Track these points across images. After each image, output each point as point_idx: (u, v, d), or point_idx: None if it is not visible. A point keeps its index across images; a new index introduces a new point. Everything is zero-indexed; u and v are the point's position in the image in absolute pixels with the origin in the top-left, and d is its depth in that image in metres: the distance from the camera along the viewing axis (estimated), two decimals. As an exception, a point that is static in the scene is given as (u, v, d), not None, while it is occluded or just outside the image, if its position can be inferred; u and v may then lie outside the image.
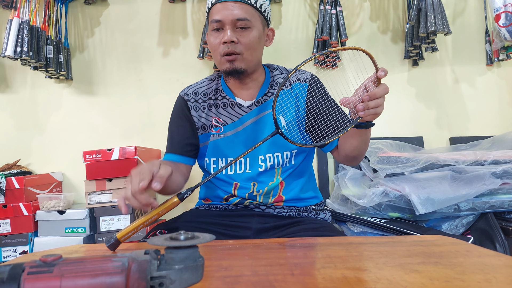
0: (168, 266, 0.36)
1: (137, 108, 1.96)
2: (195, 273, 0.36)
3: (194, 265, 0.36)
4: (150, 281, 0.34)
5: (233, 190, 0.96)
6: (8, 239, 1.62)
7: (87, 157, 1.65)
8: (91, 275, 0.33)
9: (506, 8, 1.70)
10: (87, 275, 0.33)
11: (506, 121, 1.95)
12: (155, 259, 0.36)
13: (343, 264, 0.51)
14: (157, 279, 0.34)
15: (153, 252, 0.37)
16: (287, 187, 0.97)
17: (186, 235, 0.38)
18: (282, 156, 0.96)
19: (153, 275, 0.34)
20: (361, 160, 0.98)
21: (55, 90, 1.98)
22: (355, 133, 0.86)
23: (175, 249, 0.36)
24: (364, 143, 0.89)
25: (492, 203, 1.29)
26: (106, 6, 2.00)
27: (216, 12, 0.91)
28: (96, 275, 0.33)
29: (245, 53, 0.92)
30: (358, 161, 0.97)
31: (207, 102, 1.02)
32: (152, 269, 0.35)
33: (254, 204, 0.96)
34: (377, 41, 1.97)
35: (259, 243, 0.65)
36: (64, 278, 0.32)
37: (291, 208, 0.97)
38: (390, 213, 1.38)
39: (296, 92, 0.99)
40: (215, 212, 0.98)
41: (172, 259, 0.36)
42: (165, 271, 0.35)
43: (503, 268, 0.48)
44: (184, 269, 0.35)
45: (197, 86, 1.05)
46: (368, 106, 0.73)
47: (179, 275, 0.35)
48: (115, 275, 0.33)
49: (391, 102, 1.95)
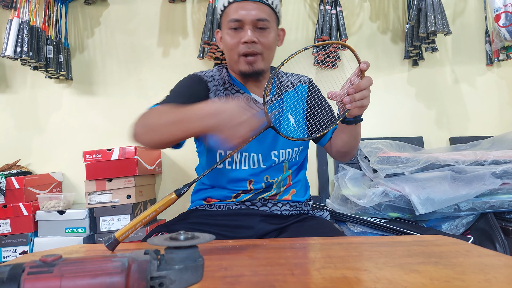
0: (168, 266, 0.36)
1: (137, 108, 1.95)
2: (195, 273, 0.36)
3: (194, 265, 0.36)
4: (150, 281, 0.34)
5: (248, 185, 0.95)
6: (8, 239, 1.62)
7: (87, 157, 1.65)
8: (91, 275, 0.33)
9: (506, 8, 1.70)
10: (87, 275, 0.33)
11: (506, 121, 1.95)
12: (155, 259, 0.36)
13: (343, 264, 0.51)
14: (157, 279, 0.34)
15: (153, 252, 0.36)
16: (294, 176, 1.01)
17: (186, 235, 0.38)
18: (292, 152, 0.98)
19: (153, 275, 0.34)
20: (353, 156, 1.02)
21: (55, 90, 1.98)
22: (344, 128, 0.89)
23: (175, 249, 0.36)
24: (354, 139, 0.92)
25: (492, 203, 1.29)
26: (106, 6, 2.00)
27: (234, 12, 0.90)
28: (96, 275, 0.33)
29: (265, 53, 0.92)
30: (350, 156, 1.00)
31: (223, 91, 0.98)
32: (152, 269, 0.34)
33: (262, 200, 0.95)
34: (377, 41, 1.98)
35: (259, 243, 0.65)
36: (64, 278, 0.32)
37: (295, 204, 0.97)
38: (390, 213, 1.38)
39: (299, 93, 1.03)
40: (217, 212, 0.97)
41: (172, 259, 0.36)
42: (165, 271, 0.35)
43: (503, 268, 0.48)
44: (184, 269, 0.35)
45: (210, 72, 1.00)
46: (354, 98, 0.75)
47: (179, 275, 0.35)
48: (115, 275, 0.33)
49: (391, 102, 1.95)
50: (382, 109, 1.93)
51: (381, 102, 1.93)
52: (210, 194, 1.00)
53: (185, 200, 2.10)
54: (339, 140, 0.95)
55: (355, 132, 0.90)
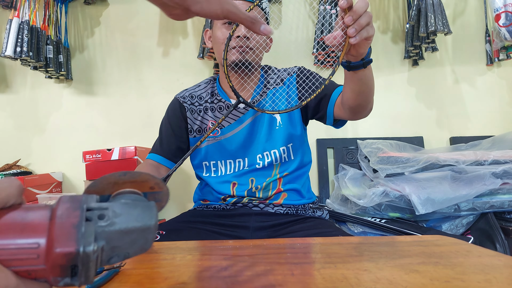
0: (112, 201, 0.30)
1: (137, 108, 1.96)
2: (147, 212, 0.28)
3: (144, 204, 0.29)
4: (87, 212, 0.26)
5: (231, 189, 0.96)
6: (8, 239, 1.62)
7: (87, 157, 1.65)
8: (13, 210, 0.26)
9: (506, 8, 1.70)
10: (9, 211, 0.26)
11: (506, 121, 1.95)
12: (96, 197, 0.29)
13: (343, 264, 0.51)
14: (96, 211, 0.27)
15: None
16: (286, 182, 0.98)
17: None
18: (279, 152, 0.97)
19: (91, 206, 0.27)
20: (370, 109, 0.84)
21: (55, 90, 1.98)
22: (353, 76, 0.74)
23: (121, 195, 0.31)
24: (366, 86, 0.76)
25: (492, 203, 1.29)
26: (106, 6, 2.00)
27: None
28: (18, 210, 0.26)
29: (256, 50, 0.95)
30: (366, 109, 0.84)
31: (203, 105, 1.03)
32: (90, 200, 0.27)
33: (253, 203, 0.96)
34: (377, 41, 1.97)
35: (259, 243, 0.65)
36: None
37: (290, 206, 0.97)
38: (390, 213, 1.38)
39: (288, 84, 1.02)
40: (213, 212, 0.98)
41: (117, 199, 0.30)
42: (107, 204, 0.28)
43: (503, 268, 0.48)
44: (132, 204, 0.28)
45: (193, 89, 1.07)
46: (360, 23, 0.60)
47: (125, 209, 0.28)
48: (37, 209, 0.26)
49: (391, 102, 1.95)
50: (382, 109, 1.93)
51: (381, 102, 1.93)
52: (205, 196, 1.03)
53: (185, 200, 2.10)
54: (350, 93, 0.79)
55: (366, 77, 0.74)
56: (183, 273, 0.50)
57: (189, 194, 1.91)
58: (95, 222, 0.26)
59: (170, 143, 1.02)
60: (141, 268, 0.53)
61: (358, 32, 0.60)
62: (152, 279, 0.48)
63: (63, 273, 0.25)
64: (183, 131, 1.03)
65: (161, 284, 0.46)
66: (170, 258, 0.58)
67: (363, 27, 0.60)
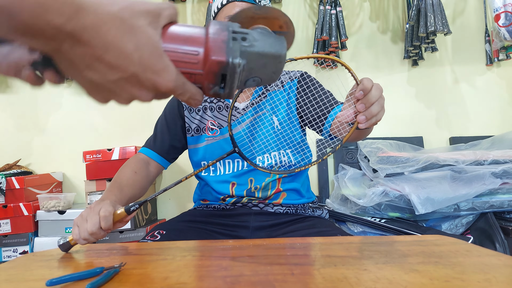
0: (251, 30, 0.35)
1: (137, 108, 1.96)
2: (279, 42, 0.34)
3: (277, 36, 0.35)
4: (232, 34, 0.32)
5: (230, 189, 0.96)
6: (8, 239, 1.62)
7: (87, 157, 1.65)
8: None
9: (506, 8, 1.70)
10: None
11: (506, 121, 1.95)
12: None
13: (343, 264, 0.51)
14: (239, 34, 0.32)
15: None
16: (285, 182, 0.98)
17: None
18: (280, 155, 0.97)
19: (236, 29, 0.32)
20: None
21: (55, 90, 1.98)
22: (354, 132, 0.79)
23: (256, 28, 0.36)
24: (364, 135, 0.82)
25: (492, 203, 1.29)
26: (106, 6, 2.00)
27: (231, 9, 0.92)
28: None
29: None
30: (364, 137, 0.87)
31: (202, 104, 1.02)
32: (235, 25, 0.33)
33: (253, 202, 0.96)
34: (377, 41, 1.98)
35: (259, 243, 0.65)
36: None
37: (289, 206, 0.97)
38: (390, 213, 1.38)
39: (288, 90, 1.01)
40: (213, 212, 0.98)
41: (254, 29, 0.35)
42: (248, 30, 0.34)
43: (503, 268, 0.48)
44: (268, 34, 0.34)
45: None
46: (371, 112, 0.62)
47: (262, 36, 0.33)
48: (194, 27, 0.32)
49: (391, 102, 1.95)
50: (382, 109, 1.93)
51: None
52: (205, 195, 1.03)
53: (185, 200, 2.10)
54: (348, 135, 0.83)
55: (367, 130, 0.79)
56: (183, 273, 0.50)
57: (189, 194, 1.92)
58: (239, 42, 0.32)
59: (164, 140, 1.02)
60: (141, 268, 0.53)
61: (368, 120, 0.62)
62: (152, 279, 0.48)
63: (215, 79, 0.31)
64: (178, 129, 1.03)
65: (161, 284, 0.46)
66: (170, 258, 0.58)
67: (373, 115, 0.62)
